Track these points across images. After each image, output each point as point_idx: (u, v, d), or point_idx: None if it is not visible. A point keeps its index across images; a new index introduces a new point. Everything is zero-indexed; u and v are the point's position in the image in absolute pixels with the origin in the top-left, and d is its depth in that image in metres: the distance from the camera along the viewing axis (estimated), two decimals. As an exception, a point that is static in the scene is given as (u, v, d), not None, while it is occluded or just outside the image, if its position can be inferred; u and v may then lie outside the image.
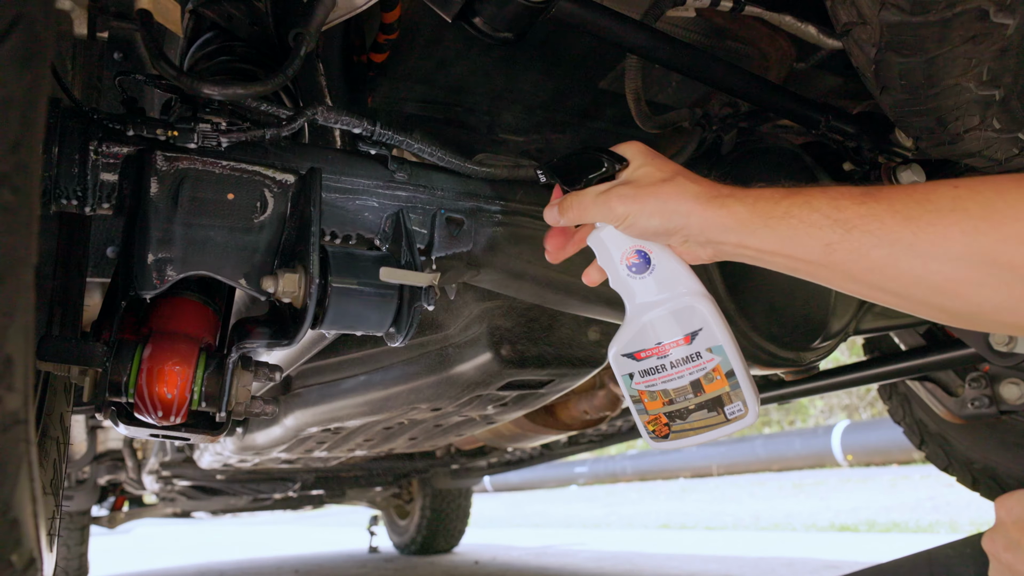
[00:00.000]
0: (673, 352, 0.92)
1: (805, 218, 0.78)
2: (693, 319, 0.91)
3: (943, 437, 2.32)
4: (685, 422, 0.93)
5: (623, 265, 0.94)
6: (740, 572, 3.44)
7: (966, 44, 0.90)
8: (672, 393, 0.93)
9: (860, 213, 0.75)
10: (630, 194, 0.89)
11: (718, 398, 0.91)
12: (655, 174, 0.90)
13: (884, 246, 0.73)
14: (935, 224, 0.70)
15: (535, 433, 2.44)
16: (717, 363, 0.91)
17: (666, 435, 0.95)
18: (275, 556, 6.53)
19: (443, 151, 1.12)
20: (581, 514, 9.64)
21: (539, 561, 4.67)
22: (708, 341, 0.91)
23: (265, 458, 2.58)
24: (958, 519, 5.15)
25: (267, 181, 1.00)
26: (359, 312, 0.97)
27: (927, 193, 0.72)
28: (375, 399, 1.73)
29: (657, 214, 0.87)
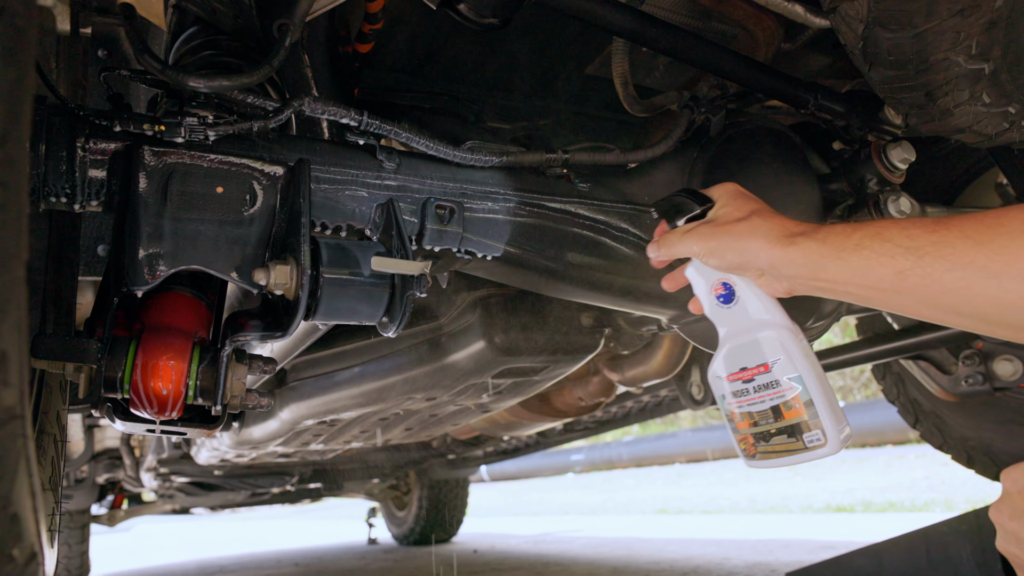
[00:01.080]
0: (756, 378, 0.99)
1: (877, 248, 0.82)
2: (773, 348, 0.98)
3: (937, 415, 2.33)
4: (768, 444, 0.99)
5: (712, 295, 1.03)
6: (738, 554, 3.47)
7: (954, 17, 0.90)
8: (756, 416, 0.99)
9: (932, 240, 0.78)
10: (708, 232, 0.98)
11: (797, 425, 0.96)
12: (733, 213, 0.98)
13: (957, 269, 0.76)
14: (1008, 246, 0.73)
15: (530, 421, 2.44)
16: (796, 392, 0.96)
17: (753, 455, 1.02)
18: (275, 550, 6.54)
19: (431, 140, 1.12)
20: (578, 501, 9.67)
21: (537, 549, 4.69)
22: (787, 370, 0.97)
23: (262, 452, 2.58)
24: (953, 498, 5.19)
25: (256, 174, 0.99)
26: (352, 302, 0.97)
27: (998, 218, 0.75)
28: (370, 390, 1.73)
29: (731, 251, 0.96)
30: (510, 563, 4.01)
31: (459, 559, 4.43)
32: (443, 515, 5.44)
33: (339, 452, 3.03)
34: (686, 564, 3.29)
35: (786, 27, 1.49)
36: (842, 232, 0.86)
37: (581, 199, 1.24)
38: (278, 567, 4.91)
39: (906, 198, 1.37)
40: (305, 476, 4.29)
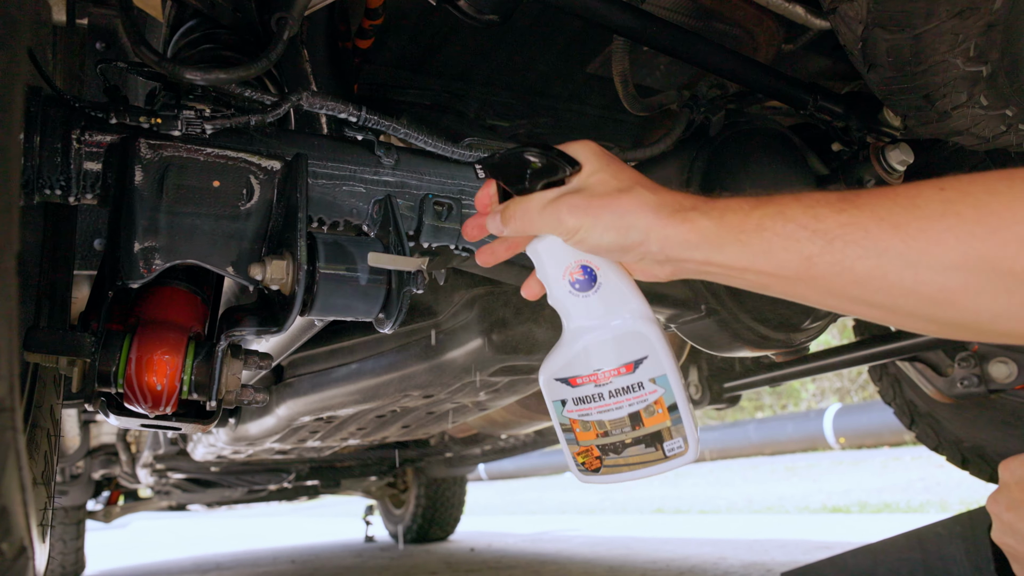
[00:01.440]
0: (613, 381, 0.82)
1: (780, 231, 0.71)
2: (638, 346, 0.82)
3: (933, 417, 2.33)
4: (619, 456, 0.85)
5: (564, 281, 0.83)
6: (734, 554, 3.47)
7: (953, 19, 0.90)
8: (608, 425, 0.84)
9: (841, 222, 0.68)
10: (582, 205, 0.78)
11: (658, 433, 0.83)
12: (611, 182, 0.79)
13: (871, 257, 0.67)
14: (926, 231, 0.65)
15: (528, 419, 2.44)
16: (660, 395, 0.82)
17: (597, 469, 0.87)
18: (271, 547, 6.54)
19: (430, 136, 1.11)
20: (576, 500, 9.68)
21: (534, 547, 4.69)
22: (653, 371, 0.82)
23: (259, 449, 2.58)
24: (948, 499, 5.19)
25: (253, 168, 0.99)
26: (348, 298, 0.97)
27: (912, 197, 0.67)
28: (367, 387, 1.73)
29: (612, 229, 0.77)
30: (507, 561, 4.01)
31: (456, 557, 4.44)
32: (440, 513, 5.44)
33: (336, 449, 3.03)
34: (683, 563, 3.29)
35: (787, 28, 1.49)
36: (740, 209, 0.73)
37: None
38: (275, 564, 4.91)
39: None
40: (302, 473, 4.28)
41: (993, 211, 0.62)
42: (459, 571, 3.74)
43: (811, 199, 0.71)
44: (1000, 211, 0.62)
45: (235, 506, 5.12)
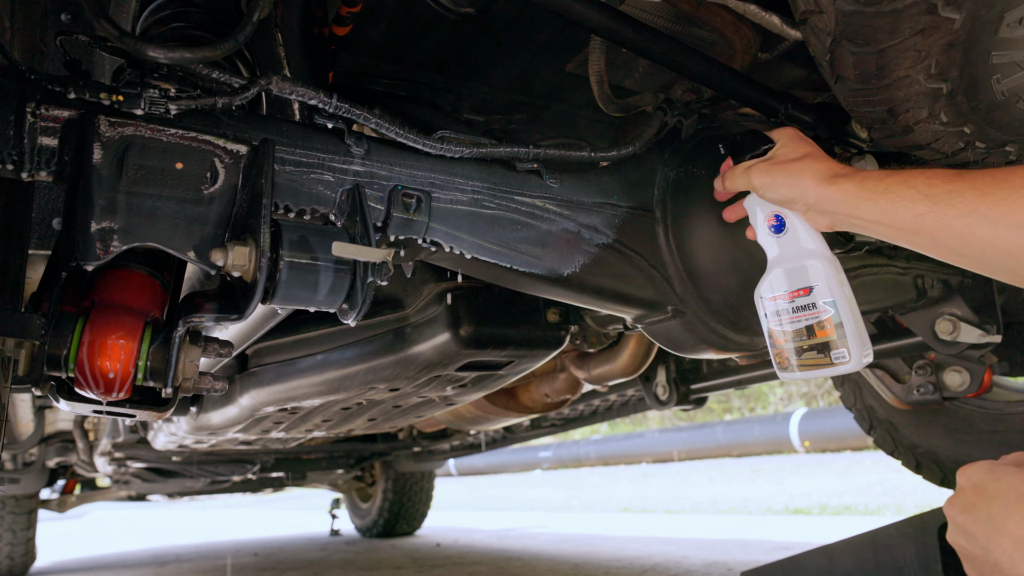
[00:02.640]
0: (796, 300, 1.12)
1: (902, 193, 0.93)
2: (813, 275, 1.10)
3: (890, 423, 2.37)
4: (800, 359, 1.12)
5: (765, 224, 1.15)
6: (697, 553, 3.50)
7: (915, 36, 0.92)
8: (791, 334, 1.12)
9: (947, 190, 0.89)
10: (766, 169, 1.10)
11: (826, 343, 1.09)
12: (789, 154, 1.10)
13: (963, 216, 0.86)
14: (1007, 199, 0.83)
15: (496, 416, 2.44)
16: (829, 315, 1.08)
17: (787, 367, 1.15)
18: (233, 539, 6.48)
19: (401, 127, 1.10)
20: (544, 498, 9.71)
21: (500, 544, 4.70)
22: (823, 295, 1.09)
23: (222, 439, 2.55)
24: (904, 502, 5.29)
25: (218, 151, 0.97)
26: (311, 288, 0.96)
27: (1005, 174, 0.86)
28: (332, 378, 1.71)
29: (783, 186, 1.07)
30: (472, 557, 4.01)
31: (422, 552, 4.43)
32: (407, 508, 5.43)
33: (302, 441, 3.00)
34: (646, 562, 3.31)
35: (763, 37, 1.49)
36: (876, 177, 0.97)
37: (550, 195, 1.23)
38: (237, 557, 4.86)
39: None
40: (267, 464, 4.24)
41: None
42: (424, 566, 3.73)
43: (933, 172, 0.92)
44: None
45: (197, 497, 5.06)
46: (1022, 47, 0.99)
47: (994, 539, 0.84)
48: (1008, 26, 0.95)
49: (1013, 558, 0.81)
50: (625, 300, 1.31)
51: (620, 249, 1.29)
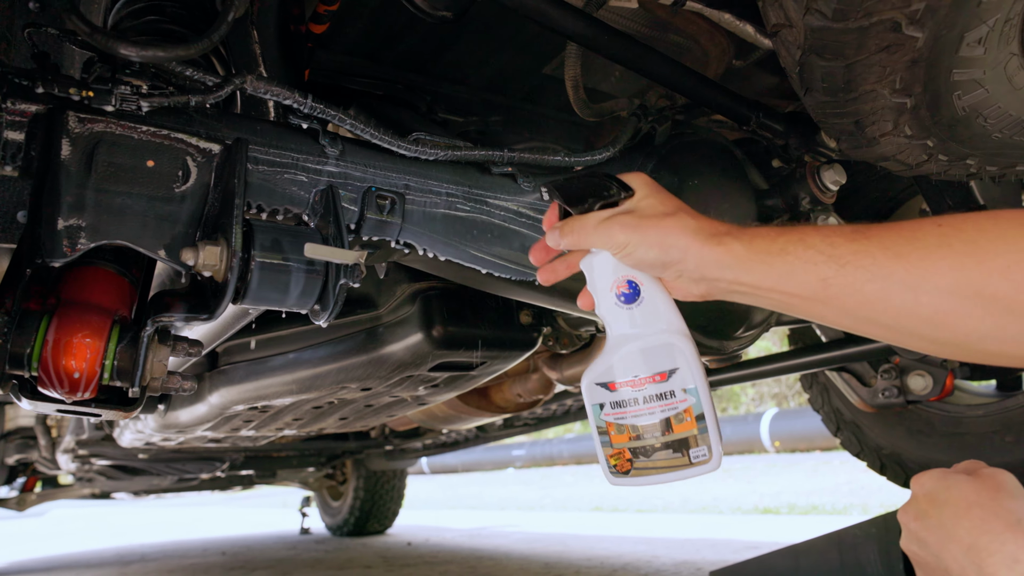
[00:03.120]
0: (648, 387, 0.90)
1: (801, 255, 0.81)
2: (672, 357, 0.91)
3: (856, 425, 2.42)
4: (648, 460, 0.92)
5: (612, 293, 0.93)
6: (667, 553, 3.52)
7: (881, 52, 0.94)
8: (640, 429, 0.91)
9: (853, 250, 0.78)
10: (632, 223, 0.90)
11: (685, 440, 0.90)
12: (658, 207, 0.91)
13: (877, 280, 0.77)
14: (924, 260, 0.74)
15: (469, 415, 2.44)
16: (689, 404, 0.90)
17: (627, 471, 0.94)
18: (201, 538, 6.42)
19: (376, 128, 1.10)
20: (517, 496, 9.72)
21: (472, 542, 4.70)
22: (684, 381, 0.90)
23: (190, 436, 2.52)
24: (870, 502, 5.37)
25: (190, 149, 0.97)
26: (282, 288, 0.95)
27: (914, 231, 0.77)
28: (303, 377, 1.70)
29: (656, 246, 0.88)
30: (443, 556, 4.01)
31: (393, 551, 4.41)
32: (379, 506, 5.40)
33: (272, 439, 2.98)
34: (616, 561, 3.33)
35: (738, 45, 1.51)
36: (767, 236, 0.84)
37: (525, 198, 1.24)
38: (204, 556, 4.81)
39: (835, 219, 1.41)
40: (236, 462, 4.20)
41: (980, 245, 0.72)
42: (395, 565, 3.72)
43: (829, 229, 0.82)
44: (986, 245, 0.72)
45: (164, 495, 4.99)
46: (981, 65, 1.02)
47: (944, 546, 0.86)
48: (968, 45, 0.97)
49: (962, 564, 0.82)
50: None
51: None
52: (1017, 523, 0.82)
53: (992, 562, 0.79)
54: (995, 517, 0.83)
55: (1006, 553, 0.79)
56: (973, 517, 0.84)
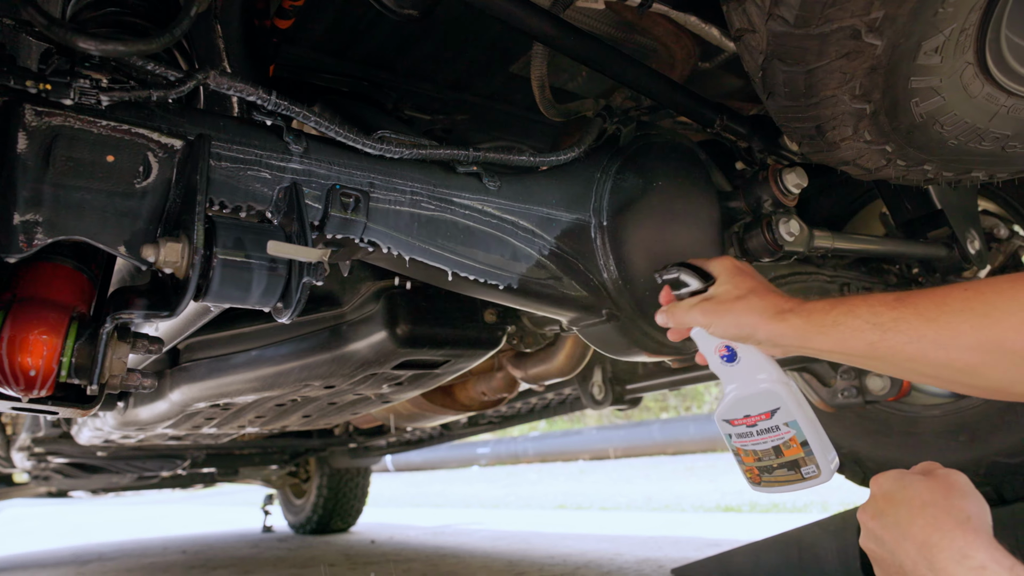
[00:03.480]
0: (759, 423, 1.13)
1: (850, 324, 0.98)
2: (773, 400, 1.11)
3: (817, 425, 2.45)
4: (771, 476, 1.15)
5: (716, 355, 1.16)
6: (630, 550, 3.55)
7: (841, 59, 0.96)
8: (759, 453, 1.14)
9: (893, 317, 0.94)
10: (710, 309, 1.12)
11: (795, 461, 1.11)
12: (732, 291, 1.12)
13: (914, 342, 0.92)
14: (951, 323, 0.88)
15: (433, 413, 2.44)
16: (793, 435, 1.11)
17: (759, 483, 1.17)
18: (161, 536, 6.32)
19: (341, 126, 1.10)
20: (481, 494, 9.72)
21: (436, 540, 4.69)
22: (785, 417, 1.11)
23: (150, 434, 2.48)
24: (829, 500, 5.47)
25: (152, 145, 0.95)
26: (245, 285, 0.95)
27: (944, 296, 0.91)
28: (266, 375, 1.69)
29: (731, 326, 1.10)
30: (407, 554, 4.00)
31: (356, 549, 4.39)
32: (342, 504, 5.37)
33: (234, 437, 2.95)
34: (579, 559, 3.35)
35: (703, 47, 1.53)
36: (822, 309, 1.02)
37: (490, 197, 1.24)
38: (164, 554, 4.75)
39: (796, 221, 1.43)
40: (198, 460, 4.14)
41: (997, 306, 0.85)
42: (358, 563, 3.70)
43: (875, 300, 0.98)
44: (1003, 306, 0.85)
45: (123, 493, 4.91)
46: (938, 74, 1.04)
47: (899, 543, 0.90)
48: (925, 54, 1.00)
49: (915, 560, 0.87)
50: (560, 303, 1.33)
51: (557, 253, 1.31)
52: (967, 520, 0.87)
53: (942, 557, 0.84)
54: (946, 515, 0.88)
55: (955, 549, 0.84)
56: (926, 515, 0.89)
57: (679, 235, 1.38)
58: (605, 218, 1.33)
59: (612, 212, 1.33)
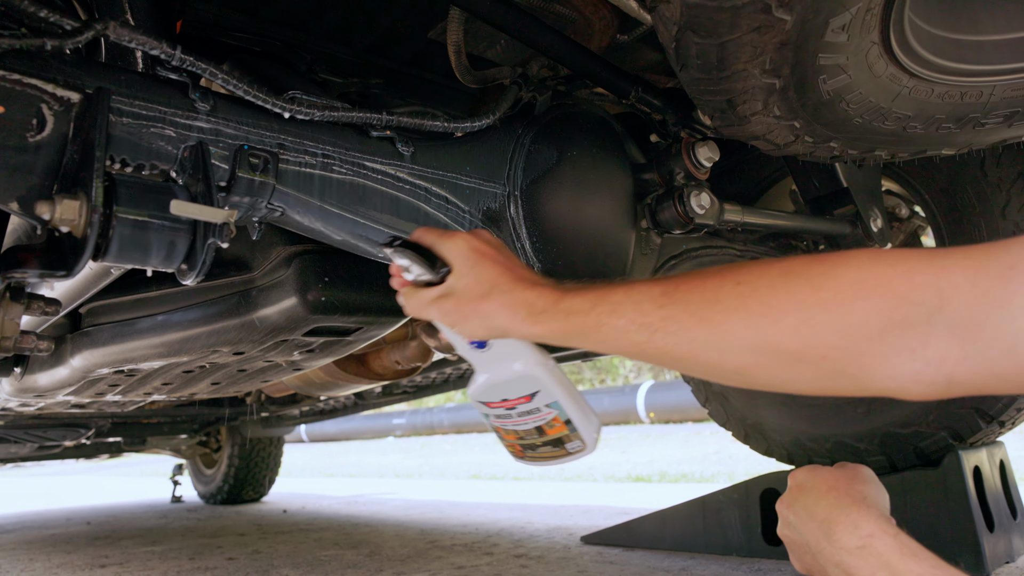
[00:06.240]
0: (518, 407, 1.06)
1: (614, 325, 0.88)
2: (531, 383, 1.04)
3: (724, 396, 2.55)
4: (535, 452, 1.12)
5: (463, 341, 1.05)
6: (541, 519, 3.63)
7: (752, 33, 0.98)
8: (521, 433, 1.09)
9: (661, 316, 0.85)
10: (452, 309, 0.98)
11: (559, 439, 1.08)
12: (473, 288, 0.97)
13: (684, 344, 0.84)
14: (724, 322, 0.81)
15: (346, 382, 2.42)
16: (555, 415, 1.05)
17: (522, 457, 1.14)
18: (64, 508, 6.10)
19: (250, 85, 1.07)
20: (396, 465, 9.73)
21: (349, 510, 4.68)
22: (546, 399, 1.04)
23: (51, 401, 2.38)
24: (736, 470, 5.71)
25: (46, 97, 0.91)
26: (146, 246, 0.92)
27: (716, 292, 0.83)
28: (172, 340, 1.64)
29: (480, 329, 0.98)
30: (319, 523, 3.98)
31: (268, 519, 4.34)
32: (254, 474, 5.30)
33: (141, 405, 2.86)
34: (491, 527, 3.40)
35: (622, 19, 1.55)
36: (581, 309, 0.91)
37: (403, 163, 1.24)
38: (67, 526, 4.58)
39: (707, 194, 1.47)
40: (103, 429, 4.00)
41: (773, 305, 0.79)
42: (268, 533, 3.66)
43: (639, 293, 0.88)
44: (778, 305, 0.79)
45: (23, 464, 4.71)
46: (845, 51, 1.07)
47: (805, 524, 1.00)
48: (833, 31, 1.02)
49: (817, 536, 0.97)
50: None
51: (470, 220, 1.32)
52: (863, 499, 0.97)
53: (838, 530, 0.94)
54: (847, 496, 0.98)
55: (849, 522, 0.94)
56: (829, 498, 0.99)
57: (592, 205, 1.41)
58: (519, 187, 1.35)
59: (526, 181, 1.35)
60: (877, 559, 0.89)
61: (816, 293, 0.77)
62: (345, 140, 1.18)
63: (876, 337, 0.74)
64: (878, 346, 0.74)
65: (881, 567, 0.88)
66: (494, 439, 1.19)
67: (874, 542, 0.91)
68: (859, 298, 0.75)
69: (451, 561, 2.57)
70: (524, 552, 2.67)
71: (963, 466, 1.96)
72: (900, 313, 0.73)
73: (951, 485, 1.95)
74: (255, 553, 3.06)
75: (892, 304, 0.73)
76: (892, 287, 0.74)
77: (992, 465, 2.12)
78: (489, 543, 2.93)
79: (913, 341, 0.72)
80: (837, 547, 0.93)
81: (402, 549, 2.92)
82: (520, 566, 2.41)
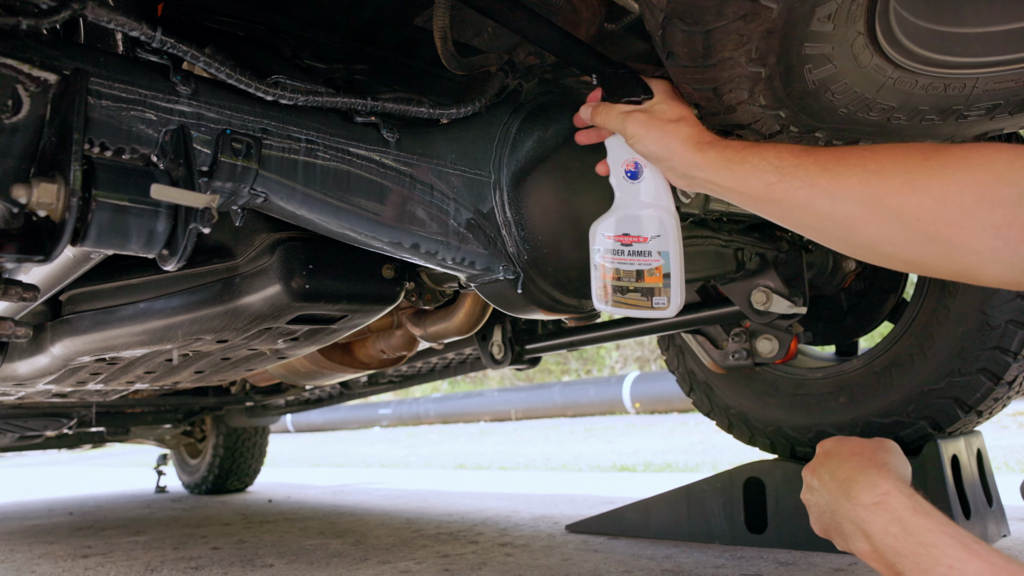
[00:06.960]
0: (634, 244, 1.17)
1: (755, 163, 1.00)
2: (658, 226, 1.16)
3: (708, 385, 2.56)
4: (623, 297, 1.20)
5: (622, 168, 1.19)
6: (526, 508, 3.64)
7: (739, 21, 0.97)
8: (621, 272, 1.19)
9: (794, 163, 0.97)
10: (643, 121, 1.13)
11: (651, 289, 1.17)
12: (667, 112, 1.13)
13: (806, 188, 0.94)
14: (842, 174, 0.92)
15: (331, 371, 2.41)
16: (660, 264, 1.16)
17: (606, 301, 1.22)
18: (46, 498, 6.06)
19: (233, 68, 1.06)
20: (382, 454, 9.73)
21: (334, 499, 4.68)
22: (661, 246, 1.16)
23: (31, 390, 2.36)
24: (720, 460, 5.74)
25: (21, 77, 0.89)
26: (126, 230, 0.91)
27: (845, 153, 0.95)
28: (155, 328, 1.63)
29: (655, 143, 1.11)
30: (304, 513, 3.97)
31: (253, 509, 4.33)
32: (239, 464, 5.29)
33: (124, 394, 2.84)
34: (477, 516, 3.41)
35: (609, 8, 1.54)
36: (735, 147, 1.04)
37: (388, 149, 1.23)
38: (49, 516, 4.55)
39: None
40: (86, 419, 3.97)
41: (885, 166, 0.89)
42: (253, 522, 3.66)
43: (785, 147, 1.00)
44: (890, 166, 0.89)
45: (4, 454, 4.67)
46: (830, 41, 1.07)
47: (827, 485, 1.07)
48: (819, 20, 1.02)
49: (836, 495, 1.04)
50: (458, 261, 1.33)
51: (455, 208, 1.31)
52: (884, 464, 1.05)
53: (856, 488, 1.01)
54: (869, 460, 1.06)
55: (868, 481, 1.01)
56: (852, 461, 1.07)
57: (578, 193, 1.40)
58: (504, 175, 1.34)
59: (512, 169, 1.34)
60: (891, 514, 0.95)
61: (925, 161, 0.86)
62: (329, 126, 1.17)
63: (968, 209, 0.80)
64: (968, 218, 0.80)
65: (893, 522, 0.95)
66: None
67: (889, 499, 0.97)
68: (960, 170, 0.82)
69: (436, 550, 2.57)
70: (509, 541, 2.68)
71: (942, 455, 1.98)
72: (994, 190, 0.79)
73: (930, 473, 1.98)
74: (240, 543, 3.05)
75: (989, 180, 0.80)
76: (992, 165, 0.80)
77: (970, 454, 2.15)
78: (474, 532, 2.94)
79: (1000, 219, 0.78)
80: (854, 503, 1.00)
81: (387, 538, 2.92)
82: (505, 555, 2.41)
